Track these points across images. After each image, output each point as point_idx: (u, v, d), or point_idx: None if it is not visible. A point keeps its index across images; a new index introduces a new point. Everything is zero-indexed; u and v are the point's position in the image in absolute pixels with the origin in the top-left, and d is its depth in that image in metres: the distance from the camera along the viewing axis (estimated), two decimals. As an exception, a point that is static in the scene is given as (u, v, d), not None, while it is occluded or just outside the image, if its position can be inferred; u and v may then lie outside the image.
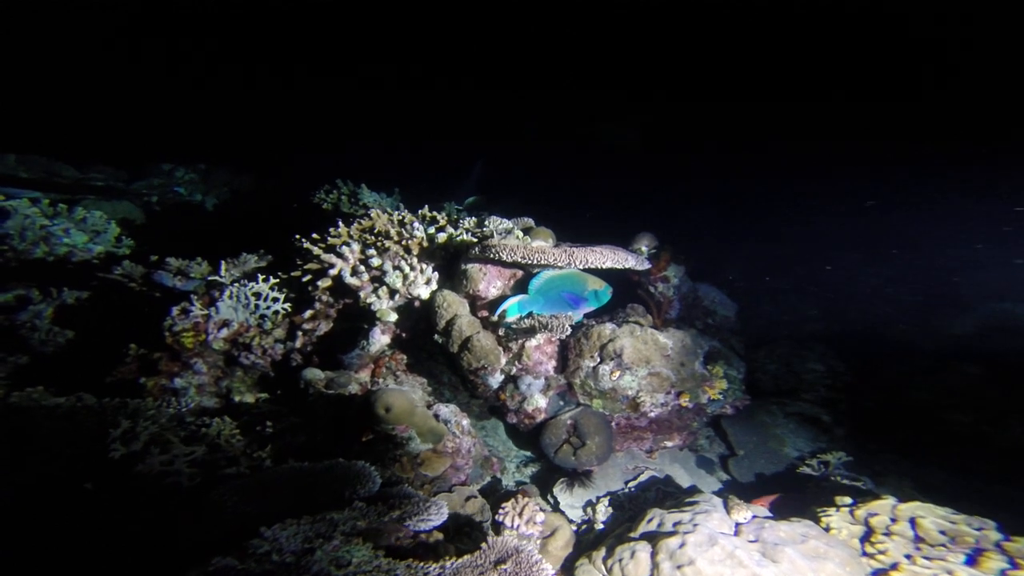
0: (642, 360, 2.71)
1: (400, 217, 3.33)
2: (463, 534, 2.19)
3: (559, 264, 2.66)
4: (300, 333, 3.14)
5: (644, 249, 3.37)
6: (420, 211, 3.49)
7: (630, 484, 2.77)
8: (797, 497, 2.86)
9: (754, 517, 1.98)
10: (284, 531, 1.46)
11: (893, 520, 2.14)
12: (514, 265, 2.86)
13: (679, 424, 2.87)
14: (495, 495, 2.70)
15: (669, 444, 2.93)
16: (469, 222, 3.32)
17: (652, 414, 2.72)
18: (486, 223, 3.24)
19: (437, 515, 1.83)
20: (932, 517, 2.12)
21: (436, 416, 2.64)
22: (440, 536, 2.08)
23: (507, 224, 3.33)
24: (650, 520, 1.98)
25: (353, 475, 2.09)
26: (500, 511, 2.35)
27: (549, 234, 3.50)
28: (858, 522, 2.15)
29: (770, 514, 2.13)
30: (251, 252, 3.15)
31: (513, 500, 2.39)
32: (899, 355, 4.57)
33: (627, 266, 2.82)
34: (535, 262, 2.64)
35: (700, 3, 6.69)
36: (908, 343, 5.02)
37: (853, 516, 2.08)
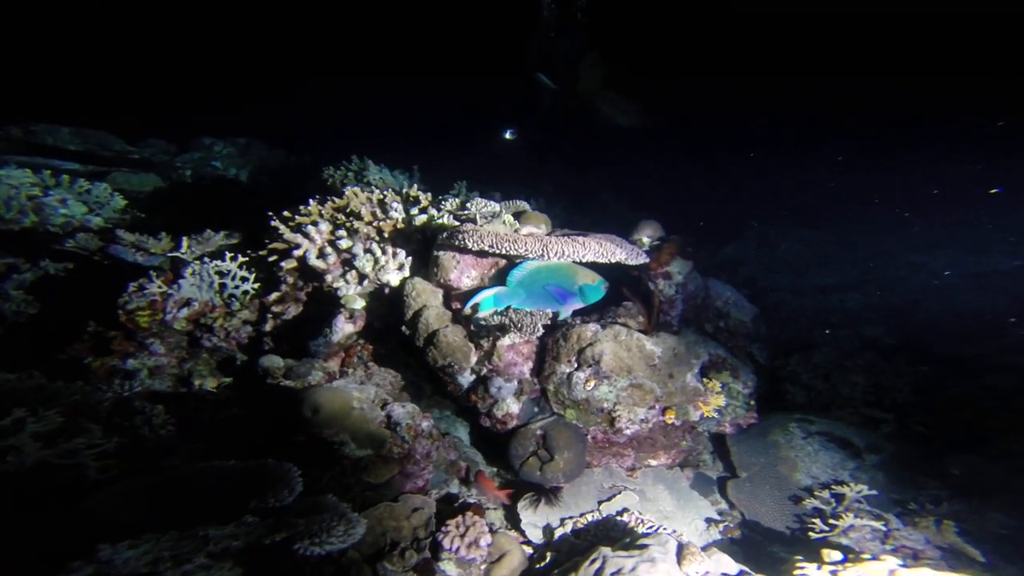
0: (623, 369, 2.37)
1: (380, 196, 3.10)
2: (392, 555, 1.97)
3: (529, 254, 2.35)
4: (270, 316, 3.00)
5: (646, 240, 2.99)
6: (405, 190, 3.25)
7: (603, 505, 2.47)
8: (792, 538, 2.48)
9: (707, 573, 1.64)
10: (131, 550, 1.27)
11: (891, 590, 1.73)
12: (481, 253, 2.57)
13: (665, 442, 2.52)
14: (451, 506, 2.47)
15: (654, 463, 2.59)
16: (452, 203, 3.05)
17: (628, 431, 2.39)
18: (468, 205, 2.96)
19: (341, 538, 1.60)
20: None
21: (389, 417, 2.42)
22: (357, 556, 1.87)
23: (493, 207, 3.04)
24: (593, 561, 1.68)
25: (271, 480, 1.90)
26: (443, 529, 2.12)
27: (542, 220, 3.18)
28: (845, 586, 1.76)
29: (738, 569, 1.77)
30: (218, 230, 3.02)
31: (460, 518, 2.15)
32: (977, 371, 3.76)
33: (614, 259, 2.48)
34: (503, 251, 2.34)
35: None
36: (991, 358, 4.18)
37: (844, 579, 1.70)
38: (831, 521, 2.49)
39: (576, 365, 2.47)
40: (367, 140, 6.59)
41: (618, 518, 2.34)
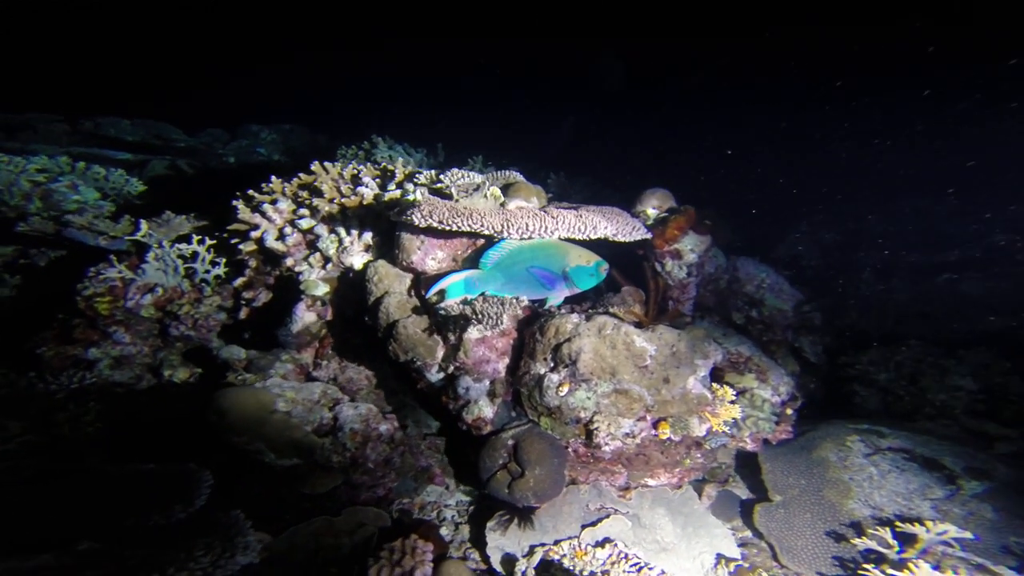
0: (605, 371, 1.92)
1: (354, 171, 2.80)
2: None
3: (485, 230, 1.94)
4: (243, 303, 2.82)
5: (651, 212, 2.46)
6: (383, 163, 2.92)
7: (586, 531, 2.05)
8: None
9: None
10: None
11: None
12: (430, 231, 2.19)
13: (663, 459, 2.05)
14: (408, 520, 2.17)
15: (651, 482, 2.13)
16: (427, 176, 2.68)
17: (609, 447, 1.94)
18: (441, 177, 2.58)
19: (203, 573, 1.33)
20: None
21: (336, 418, 2.14)
22: (254, 591, 1.60)
23: (473, 179, 2.64)
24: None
25: (174, 490, 1.68)
26: (377, 554, 1.81)
27: (534, 192, 2.73)
28: None
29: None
30: (182, 212, 2.86)
31: (398, 542, 1.83)
32: None
33: (596, 235, 2.01)
34: (454, 227, 1.95)
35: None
36: None
37: None
38: (891, 571, 1.91)
39: (552, 364, 2.04)
40: (411, 128, 6.38)
41: (597, 551, 1.92)
